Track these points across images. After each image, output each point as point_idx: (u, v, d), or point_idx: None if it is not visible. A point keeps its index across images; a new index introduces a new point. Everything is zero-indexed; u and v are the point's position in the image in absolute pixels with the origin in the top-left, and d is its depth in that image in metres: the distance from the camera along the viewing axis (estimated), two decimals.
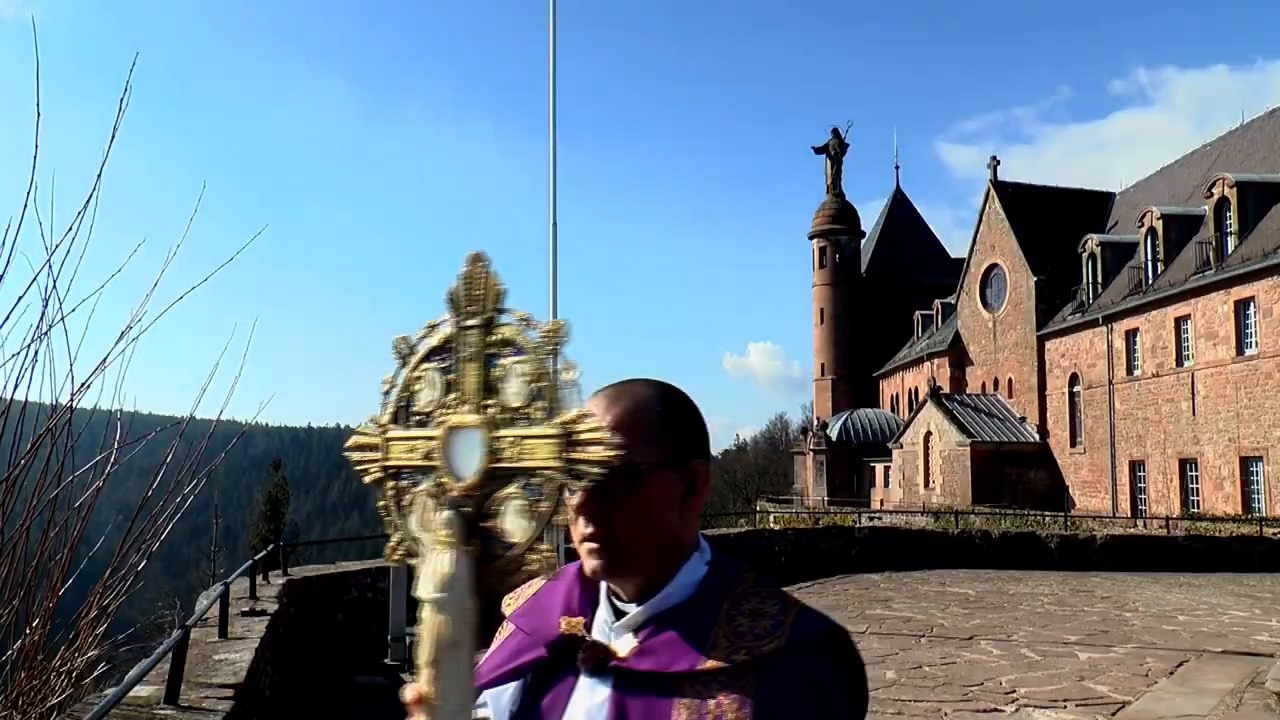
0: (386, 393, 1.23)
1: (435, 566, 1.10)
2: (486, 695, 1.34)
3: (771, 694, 1.16)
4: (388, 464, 1.20)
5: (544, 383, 1.11)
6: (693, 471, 1.30)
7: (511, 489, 1.11)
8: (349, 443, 1.24)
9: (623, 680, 1.23)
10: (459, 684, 1.08)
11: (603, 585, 1.32)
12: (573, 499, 1.22)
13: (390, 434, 1.21)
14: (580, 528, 1.24)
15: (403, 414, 1.21)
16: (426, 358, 1.20)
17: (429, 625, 1.09)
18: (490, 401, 1.14)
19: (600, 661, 1.25)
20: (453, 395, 1.17)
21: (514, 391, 1.13)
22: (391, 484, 1.20)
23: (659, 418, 1.28)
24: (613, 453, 1.05)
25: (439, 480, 1.15)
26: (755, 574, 1.32)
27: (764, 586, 1.29)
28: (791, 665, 1.18)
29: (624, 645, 1.26)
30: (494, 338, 1.15)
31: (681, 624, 1.24)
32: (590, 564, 1.26)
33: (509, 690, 1.33)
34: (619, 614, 1.29)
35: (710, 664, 1.19)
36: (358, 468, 1.23)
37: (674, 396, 1.33)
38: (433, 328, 1.21)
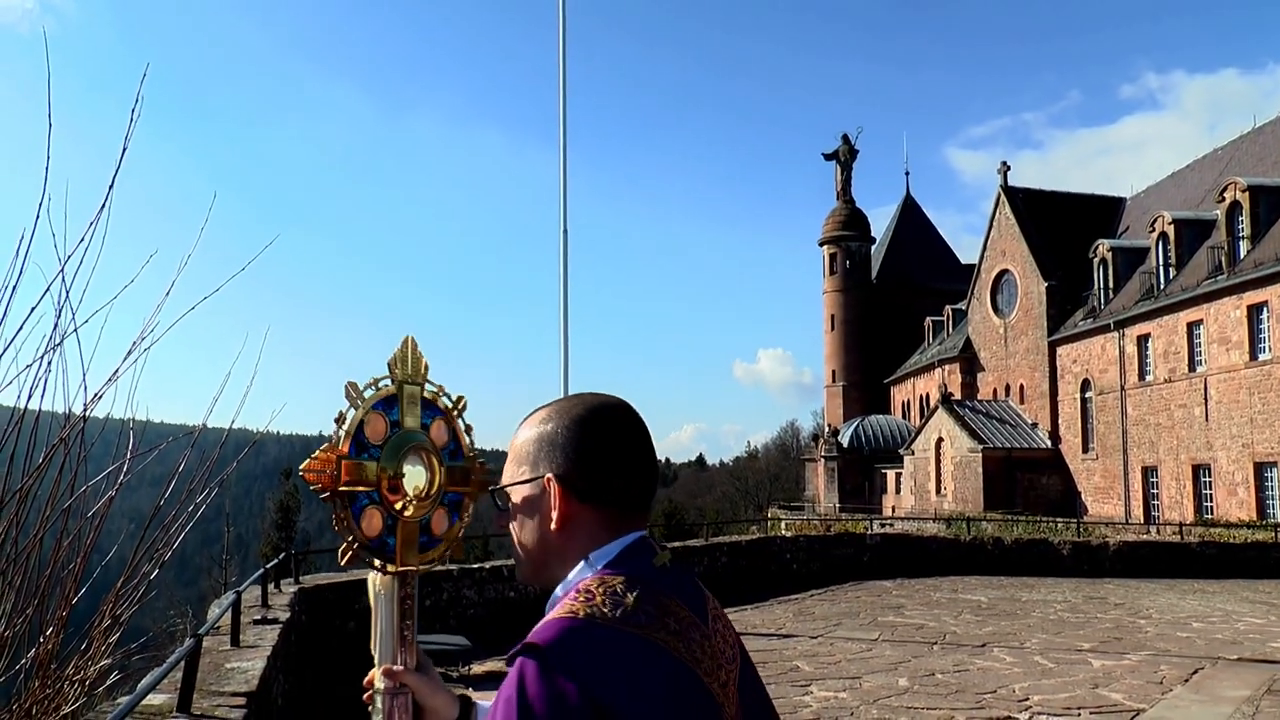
0: (340, 427, 1.50)
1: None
2: None
3: (499, 690, 1.25)
4: (343, 485, 1.49)
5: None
6: (545, 485, 1.40)
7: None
8: (304, 466, 1.48)
9: None
10: (375, 635, 1.56)
11: None
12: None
13: (345, 461, 1.49)
14: None
15: (354, 445, 1.50)
16: (374, 405, 1.53)
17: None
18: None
19: None
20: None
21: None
22: (347, 501, 1.50)
23: (523, 439, 1.46)
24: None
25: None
26: (600, 580, 1.33)
27: (575, 593, 1.31)
28: (512, 667, 1.24)
29: None
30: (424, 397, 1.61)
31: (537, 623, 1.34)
32: None
33: None
34: None
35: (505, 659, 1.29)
36: (312, 487, 1.48)
37: (550, 415, 1.45)
38: (376, 384, 1.55)
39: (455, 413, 1.63)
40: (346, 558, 1.52)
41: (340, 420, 1.48)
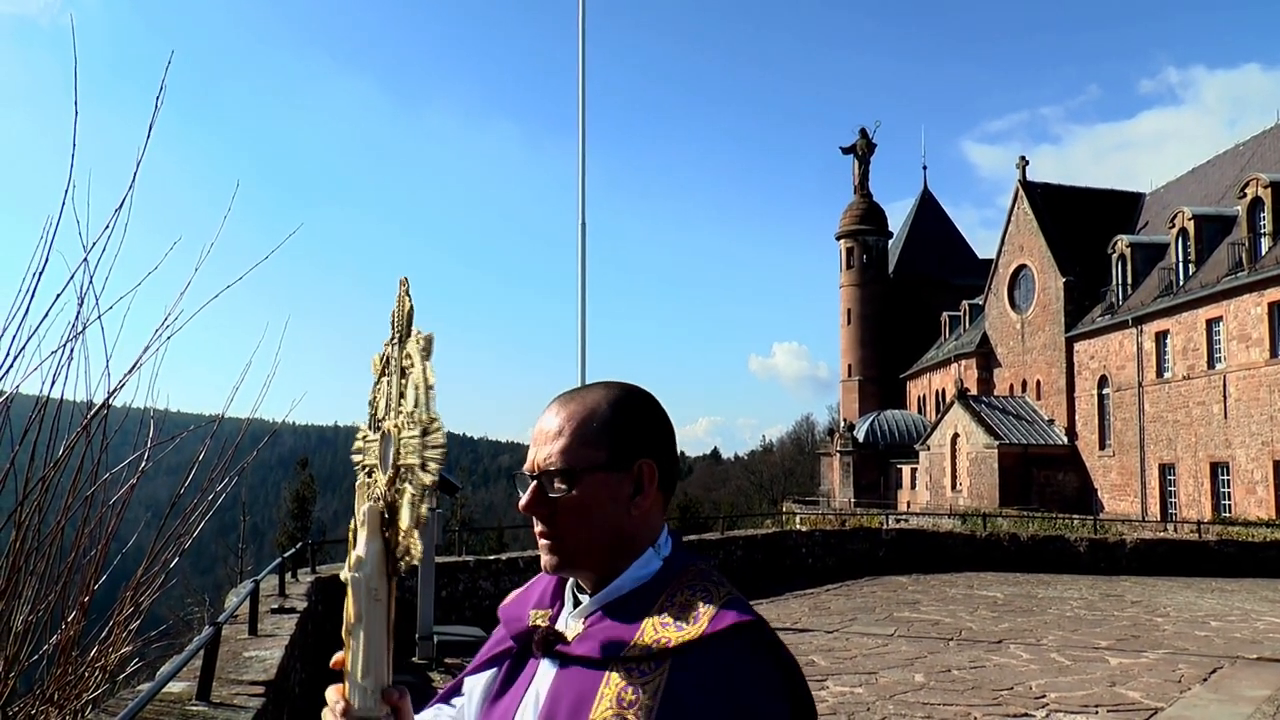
0: (370, 403, 1.40)
1: (353, 551, 1.27)
2: (467, 682, 1.48)
3: (681, 682, 1.22)
4: (365, 465, 1.38)
5: (419, 390, 1.28)
6: (638, 471, 1.37)
7: (406, 485, 1.26)
8: (354, 449, 1.41)
9: (565, 663, 1.33)
10: (366, 653, 1.23)
11: (570, 579, 1.43)
12: (521, 501, 1.38)
13: (367, 439, 1.39)
14: (535, 527, 1.37)
15: (372, 422, 1.39)
16: (382, 372, 1.38)
17: (346, 602, 1.26)
18: (400, 408, 1.31)
19: (549, 645, 1.35)
20: (387, 405, 1.36)
21: (410, 398, 1.30)
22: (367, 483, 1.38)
23: (602, 421, 1.37)
24: (439, 452, 1.22)
25: (376, 479, 1.33)
26: (703, 567, 1.38)
27: (703, 580, 1.35)
28: (704, 655, 1.24)
29: (570, 632, 1.36)
30: (406, 352, 1.33)
31: (622, 613, 1.32)
32: (544, 559, 1.39)
33: (484, 677, 1.45)
34: (579, 605, 1.40)
35: (633, 651, 1.26)
36: (356, 469, 1.40)
37: (624, 399, 1.41)
38: (387, 346, 1.39)
39: (420, 359, 1.38)
40: None
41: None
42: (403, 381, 1.32)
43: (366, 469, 1.38)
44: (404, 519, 1.24)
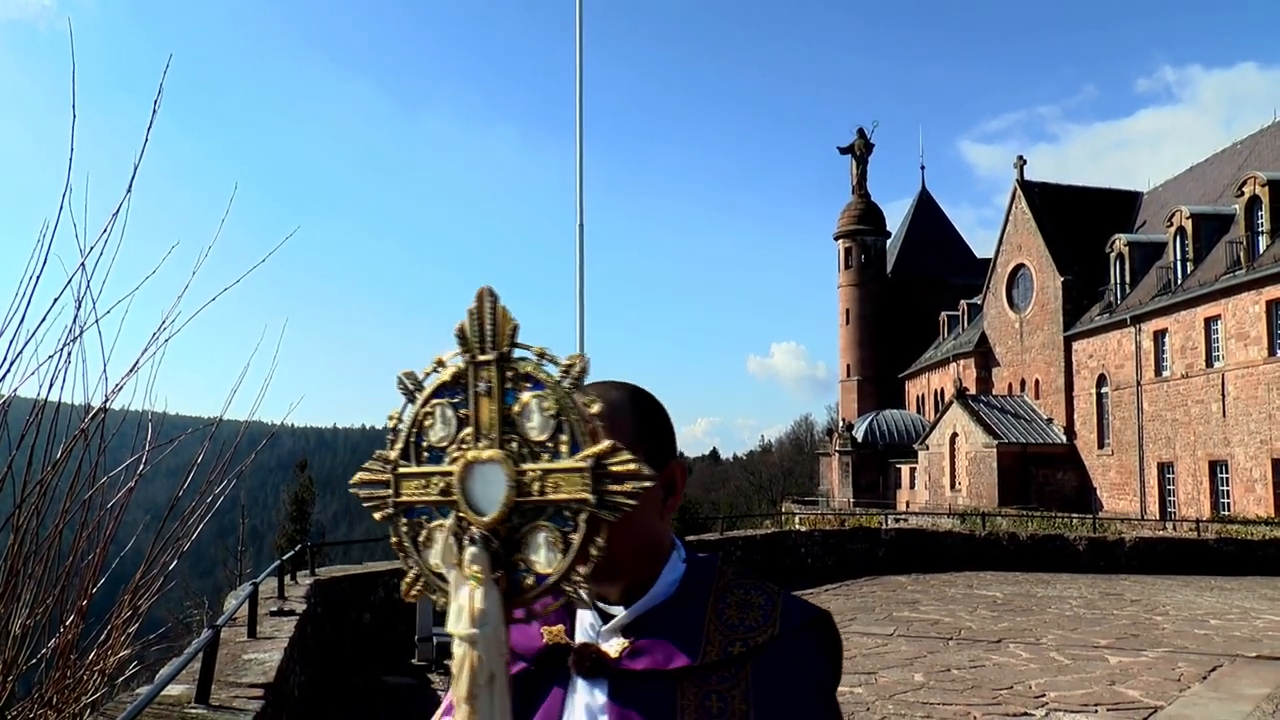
0: (394, 429, 1.23)
1: (467, 601, 1.10)
2: None
3: (768, 680, 1.21)
4: (399, 500, 1.21)
5: (567, 417, 1.11)
6: (671, 472, 1.31)
7: (540, 522, 1.11)
8: (354, 480, 1.25)
9: (620, 681, 1.23)
10: (499, 716, 1.08)
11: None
12: None
13: (401, 470, 1.21)
14: None
15: (413, 450, 1.21)
16: (436, 393, 1.20)
17: (464, 660, 1.09)
18: (511, 436, 1.14)
19: (596, 663, 1.25)
20: (467, 430, 1.18)
21: (535, 425, 1.13)
22: (405, 520, 1.21)
23: (636, 422, 1.29)
24: (648, 484, 1.07)
25: (459, 515, 1.16)
26: (732, 566, 1.36)
27: (744, 578, 1.33)
28: (784, 651, 1.24)
29: (614, 648, 1.26)
30: (510, 373, 1.16)
31: (671, 622, 1.26)
32: None
33: None
34: (605, 617, 1.29)
35: (708, 658, 1.22)
36: (366, 504, 1.24)
37: (644, 399, 1.34)
38: (441, 364, 1.21)
39: (567, 385, 1.14)
40: (416, 589, 1.21)
41: (394, 420, 1.21)
42: (508, 406, 1.15)
43: (403, 508, 1.20)
44: (549, 561, 1.10)
